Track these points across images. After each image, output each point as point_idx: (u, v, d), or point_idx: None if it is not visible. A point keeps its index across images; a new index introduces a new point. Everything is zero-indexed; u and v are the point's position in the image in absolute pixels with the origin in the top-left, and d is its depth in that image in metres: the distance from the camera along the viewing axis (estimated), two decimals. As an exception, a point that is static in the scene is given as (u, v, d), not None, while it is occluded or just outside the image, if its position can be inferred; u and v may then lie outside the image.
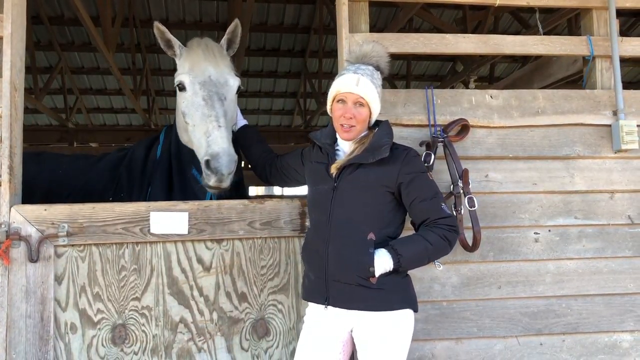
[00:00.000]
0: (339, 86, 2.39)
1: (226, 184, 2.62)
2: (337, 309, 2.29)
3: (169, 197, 3.08)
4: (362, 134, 2.41)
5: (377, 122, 2.48)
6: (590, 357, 2.99)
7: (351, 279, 2.24)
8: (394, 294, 2.26)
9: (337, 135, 2.47)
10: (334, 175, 2.36)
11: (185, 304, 2.71)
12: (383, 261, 2.21)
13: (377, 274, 2.21)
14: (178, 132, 3.07)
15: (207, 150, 2.60)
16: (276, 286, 2.80)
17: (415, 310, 2.34)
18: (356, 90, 2.34)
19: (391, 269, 2.22)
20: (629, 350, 3.02)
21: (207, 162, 2.59)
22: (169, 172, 3.15)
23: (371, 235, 2.25)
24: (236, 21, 3.04)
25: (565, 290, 3.01)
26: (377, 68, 2.46)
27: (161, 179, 3.14)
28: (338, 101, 2.39)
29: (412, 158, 2.36)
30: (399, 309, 2.25)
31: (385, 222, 2.32)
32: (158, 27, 2.87)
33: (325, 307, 2.31)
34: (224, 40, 3.05)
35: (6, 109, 2.61)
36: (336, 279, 2.27)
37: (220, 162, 2.55)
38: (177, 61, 2.98)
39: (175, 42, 2.95)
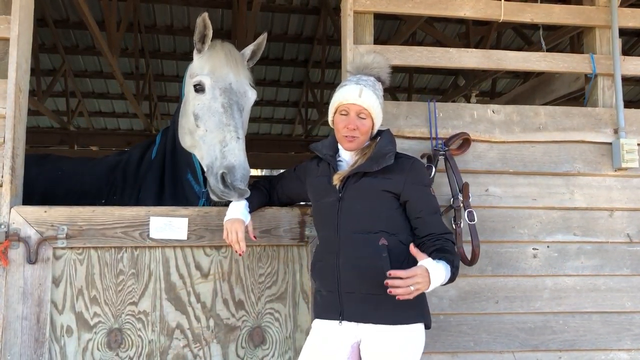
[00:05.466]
0: (341, 97, 2.37)
1: (247, 194, 2.53)
2: (351, 323, 2.24)
3: (159, 200, 3.08)
4: (365, 145, 2.40)
5: (379, 132, 2.47)
6: (586, 374, 2.99)
7: (367, 288, 2.21)
8: (410, 307, 2.19)
9: (339, 146, 2.46)
10: (337, 186, 2.34)
11: (182, 310, 2.70)
12: (441, 273, 2.12)
13: (434, 285, 2.11)
14: (179, 135, 2.97)
15: (223, 162, 2.53)
16: (274, 294, 2.79)
17: (428, 327, 2.28)
18: (359, 101, 2.33)
19: (445, 282, 2.16)
20: (625, 369, 3.02)
21: (223, 175, 2.50)
22: (161, 175, 3.14)
23: (383, 241, 2.22)
24: (265, 34, 3.03)
25: (562, 306, 3.01)
26: (378, 79, 2.45)
27: (153, 181, 3.13)
28: (340, 112, 2.37)
29: (418, 167, 2.38)
30: (414, 322, 2.20)
31: (396, 228, 2.28)
32: (205, 21, 2.78)
33: (340, 322, 2.25)
34: (248, 50, 3.00)
35: (10, 110, 2.61)
36: (350, 290, 2.23)
37: (236, 175, 2.48)
38: (197, 59, 2.87)
39: (209, 41, 2.86)
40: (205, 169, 2.68)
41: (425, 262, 2.11)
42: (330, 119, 2.47)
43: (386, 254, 2.20)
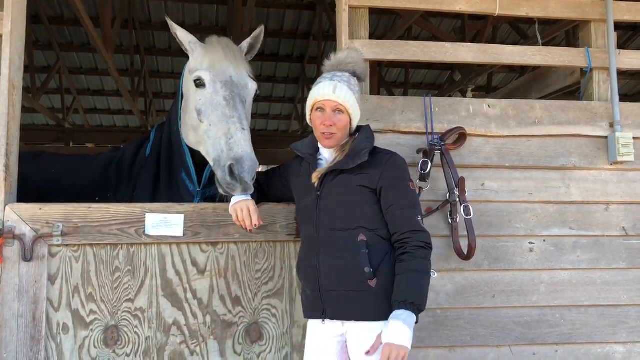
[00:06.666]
0: (316, 94, 2.36)
1: (251, 191, 2.49)
2: (334, 321, 2.25)
3: (153, 198, 3.06)
4: (344, 141, 2.40)
5: (359, 128, 2.46)
6: (582, 368, 3.00)
7: (347, 285, 2.21)
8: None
9: (319, 145, 2.45)
10: (315, 185, 2.34)
11: (178, 306, 2.70)
12: (409, 320, 2.08)
13: (409, 341, 2.06)
14: (183, 132, 2.90)
15: (230, 154, 2.45)
16: (270, 290, 2.79)
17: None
18: (333, 97, 2.32)
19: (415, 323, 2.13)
20: (621, 362, 3.03)
21: (231, 167, 2.42)
22: (156, 172, 3.12)
23: (361, 237, 2.23)
24: (261, 27, 2.99)
25: (559, 300, 3.01)
26: (354, 74, 2.45)
27: (147, 179, 3.11)
28: (317, 109, 2.37)
29: (395, 162, 2.33)
30: None
31: (376, 223, 2.27)
32: (169, 24, 2.80)
33: (323, 321, 2.27)
34: (245, 43, 2.96)
35: (3, 107, 2.60)
36: (331, 288, 2.24)
37: (244, 166, 2.41)
38: (192, 57, 2.83)
39: (185, 39, 2.83)
40: (212, 164, 2.59)
41: (385, 338, 2.06)
42: (307, 117, 2.46)
43: (365, 249, 2.20)
